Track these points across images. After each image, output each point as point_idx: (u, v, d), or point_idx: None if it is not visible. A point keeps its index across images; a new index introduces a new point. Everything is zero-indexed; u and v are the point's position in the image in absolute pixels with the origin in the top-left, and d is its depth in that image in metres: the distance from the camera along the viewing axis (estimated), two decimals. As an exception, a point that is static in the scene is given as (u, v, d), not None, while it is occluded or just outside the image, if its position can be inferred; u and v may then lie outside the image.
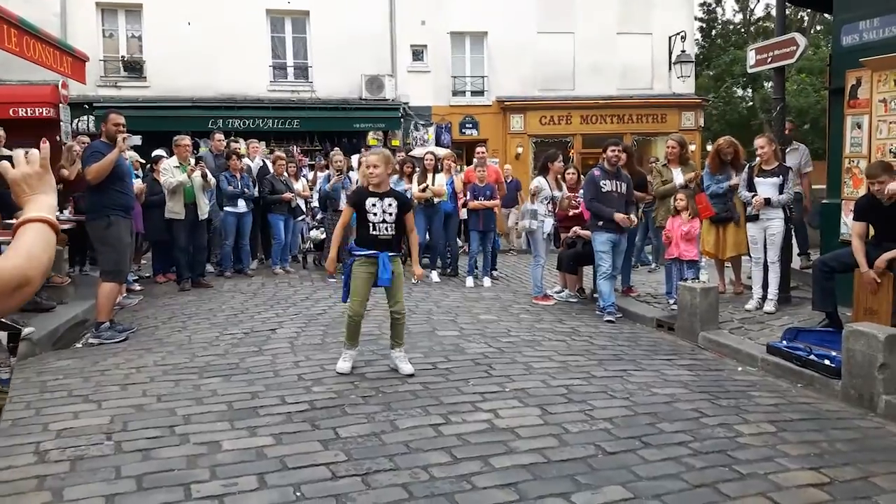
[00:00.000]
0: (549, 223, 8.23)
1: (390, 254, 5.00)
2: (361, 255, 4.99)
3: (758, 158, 6.94)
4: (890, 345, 4.34)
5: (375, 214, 4.98)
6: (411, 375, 4.89)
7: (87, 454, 3.47)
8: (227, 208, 9.35)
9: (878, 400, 4.36)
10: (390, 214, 5.01)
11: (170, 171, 8.49)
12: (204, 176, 8.54)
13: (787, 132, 8.15)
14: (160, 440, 3.67)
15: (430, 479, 3.22)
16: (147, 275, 9.47)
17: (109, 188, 6.11)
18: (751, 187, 6.86)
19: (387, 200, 5.02)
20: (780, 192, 6.73)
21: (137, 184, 7.80)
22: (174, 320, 6.88)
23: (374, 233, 4.98)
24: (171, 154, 9.02)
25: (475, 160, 9.99)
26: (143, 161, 10.16)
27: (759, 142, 6.96)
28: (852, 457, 3.59)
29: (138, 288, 8.49)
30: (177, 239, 8.60)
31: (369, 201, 4.99)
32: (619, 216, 7.24)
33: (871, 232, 5.67)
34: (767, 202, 6.71)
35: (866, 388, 4.44)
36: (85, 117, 15.62)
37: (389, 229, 5.02)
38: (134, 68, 16.85)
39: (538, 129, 19.00)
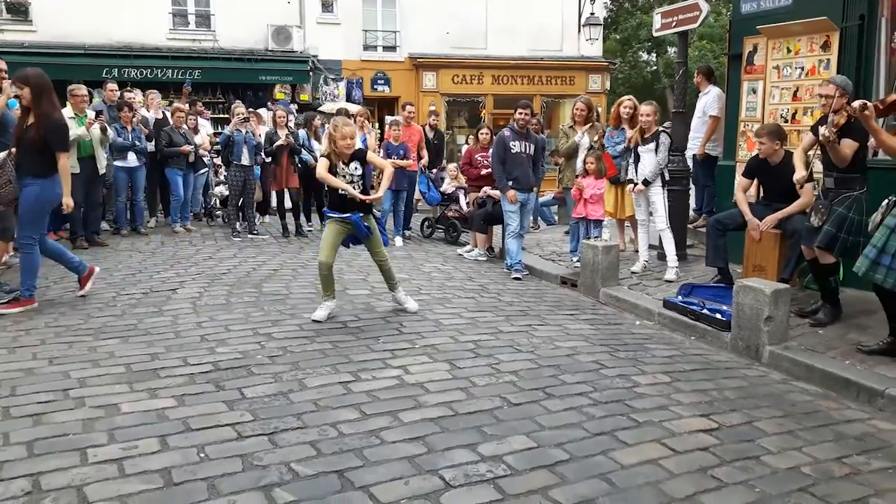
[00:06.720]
0: None
1: (361, 214, 5.29)
2: (335, 217, 5.32)
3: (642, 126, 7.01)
4: (775, 299, 4.64)
5: (344, 177, 5.25)
6: (415, 313, 5.43)
7: (-29, 421, 3.27)
8: (116, 162, 8.82)
9: (762, 350, 4.66)
10: (355, 175, 5.30)
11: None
12: (104, 130, 8.05)
13: (698, 82, 8.42)
14: (53, 404, 3.49)
15: (339, 436, 3.21)
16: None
17: (-9, 140, 5.66)
18: (636, 157, 6.98)
19: (352, 165, 5.28)
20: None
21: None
22: (67, 280, 6.51)
23: (343, 193, 5.25)
24: (64, 104, 8.42)
25: (402, 118, 9.90)
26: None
27: (645, 109, 6.91)
28: (739, 403, 3.83)
29: (27, 246, 7.96)
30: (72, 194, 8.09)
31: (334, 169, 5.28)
32: (510, 193, 7.38)
33: (762, 193, 5.99)
34: (646, 183, 6.77)
35: (753, 339, 4.74)
36: (-39, 62, 14.38)
37: (357, 188, 5.29)
38: (18, 10, 15.59)
39: (451, 87, 18.90)
